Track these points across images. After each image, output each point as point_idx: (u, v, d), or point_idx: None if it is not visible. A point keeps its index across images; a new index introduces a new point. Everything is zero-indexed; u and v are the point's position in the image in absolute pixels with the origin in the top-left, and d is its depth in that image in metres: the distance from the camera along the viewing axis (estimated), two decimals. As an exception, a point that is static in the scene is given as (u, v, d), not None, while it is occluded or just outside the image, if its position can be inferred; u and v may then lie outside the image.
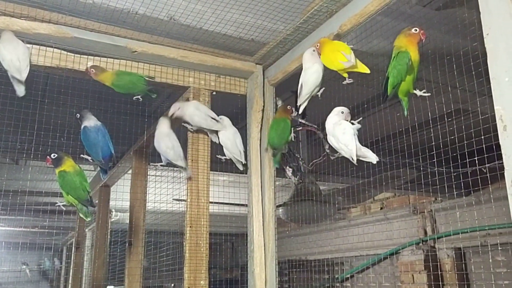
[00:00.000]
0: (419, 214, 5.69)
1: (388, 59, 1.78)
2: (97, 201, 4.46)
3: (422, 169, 2.55)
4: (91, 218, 2.50)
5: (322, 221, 4.60)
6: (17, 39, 2.04)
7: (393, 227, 5.91)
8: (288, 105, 2.37)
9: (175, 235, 3.23)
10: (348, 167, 2.17)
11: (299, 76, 2.18)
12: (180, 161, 2.35)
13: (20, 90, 2.07)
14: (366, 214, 6.66)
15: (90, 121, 2.26)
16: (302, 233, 7.51)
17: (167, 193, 3.30)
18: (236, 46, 2.42)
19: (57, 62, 2.18)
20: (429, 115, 1.96)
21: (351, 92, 2.29)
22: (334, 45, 1.99)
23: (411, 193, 5.44)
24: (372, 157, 1.91)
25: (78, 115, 2.28)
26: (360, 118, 2.02)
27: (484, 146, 1.76)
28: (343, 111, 2.02)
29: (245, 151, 2.54)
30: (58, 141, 2.35)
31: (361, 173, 2.35)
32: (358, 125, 1.98)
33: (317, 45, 2.05)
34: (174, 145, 2.35)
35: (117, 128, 2.76)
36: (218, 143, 2.49)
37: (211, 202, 2.47)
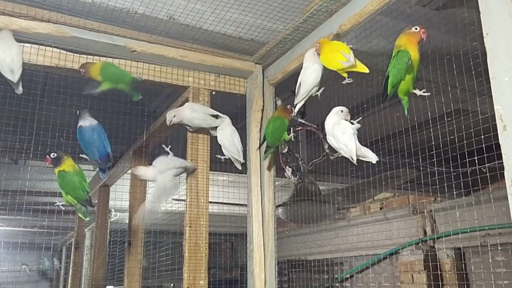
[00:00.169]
0: (419, 214, 5.69)
1: (388, 59, 1.78)
2: (97, 201, 4.45)
3: (421, 169, 2.55)
4: (90, 218, 2.50)
5: (322, 221, 4.60)
6: (14, 39, 2.02)
7: (393, 227, 5.91)
8: (288, 105, 2.36)
9: (175, 235, 3.23)
10: (348, 167, 2.16)
11: (298, 76, 2.17)
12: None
13: (18, 89, 2.06)
14: (365, 214, 6.66)
15: (85, 120, 2.24)
16: (302, 233, 7.51)
17: (166, 193, 3.29)
18: (236, 45, 2.41)
19: (56, 62, 2.17)
20: (429, 114, 1.95)
21: (350, 92, 2.28)
22: (333, 45, 1.99)
23: (411, 193, 5.44)
24: (371, 157, 1.91)
25: (78, 111, 2.27)
26: (360, 118, 2.02)
27: (484, 146, 1.76)
28: (342, 111, 2.02)
29: (244, 150, 2.53)
30: (57, 140, 2.34)
31: (361, 173, 2.35)
32: (358, 125, 1.98)
33: (317, 46, 2.04)
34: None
35: (116, 128, 2.76)
36: (215, 143, 2.49)
37: (211, 202, 2.47)
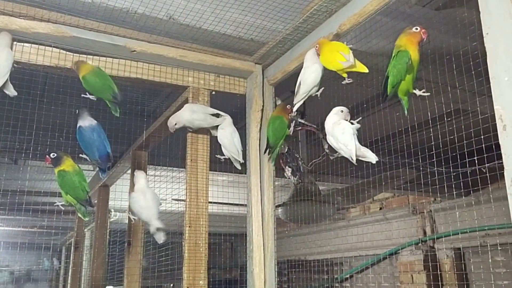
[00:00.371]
0: (419, 214, 5.69)
1: (388, 59, 1.78)
2: (96, 201, 4.45)
3: (421, 169, 2.55)
4: (90, 218, 2.50)
5: (322, 221, 4.60)
6: (6, 44, 2.00)
7: (393, 227, 5.91)
8: (288, 104, 2.36)
9: (174, 235, 3.22)
10: (348, 167, 2.16)
11: (298, 75, 2.17)
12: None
13: (9, 92, 2.04)
14: (365, 214, 6.66)
15: (85, 120, 2.23)
16: (302, 233, 7.51)
17: (166, 193, 3.30)
18: (236, 45, 2.41)
19: (56, 62, 2.17)
20: (429, 115, 1.95)
21: (350, 92, 2.28)
22: (332, 46, 1.99)
23: (411, 193, 5.44)
24: (371, 157, 1.91)
25: (77, 111, 2.26)
26: (360, 118, 2.02)
27: (484, 146, 1.76)
28: (342, 111, 2.02)
29: (244, 150, 2.53)
30: (57, 140, 2.34)
31: (361, 173, 2.34)
32: (358, 125, 1.98)
33: (316, 46, 2.04)
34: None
35: (116, 128, 2.76)
36: (215, 143, 2.49)
37: (210, 202, 2.47)
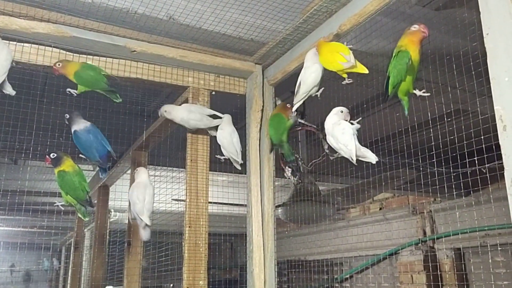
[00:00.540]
0: (418, 214, 5.69)
1: (388, 59, 1.78)
2: (96, 201, 4.45)
3: (421, 169, 2.55)
4: (90, 218, 2.50)
5: (321, 222, 4.59)
6: (4, 44, 2.00)
7: (392, 227, 5.91)
8: (288, 103, 2.36)
9: (174, 235, 3.22)
10: (348, 167, 2.16)
11: (298, 76, 2.17)
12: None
13: (9, 90, 2.03)
14: (365, 214, 6.66)
15: (79, 124, 2.21)
16: (301, 234, 7.51)
17: (166, 193, 3.30)
18: (236, 45, 2.41)
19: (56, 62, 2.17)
20: (429, 115, 1.95)
21: (350, 92, 2.28)
22: (332, 46, 1.99)
23: (411, 193, 5.44)
24: (371, 157, 1.91)
25: (67, 115, 2.23)
26: (360, 118, 2.02)
27: (484, 146, 1.76)
28: (342, 111, 2.02)
29: (244, 151, 2.53)
30: (57, 140, 2.33)
31: (361, 173, 2.35)
32: (358, 125, 1.98)
33: (316, 47, 2.04)
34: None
35: (116, 128, 2.76)
36: (215, 143, 2.49)
37: (210, 202, 2.47)
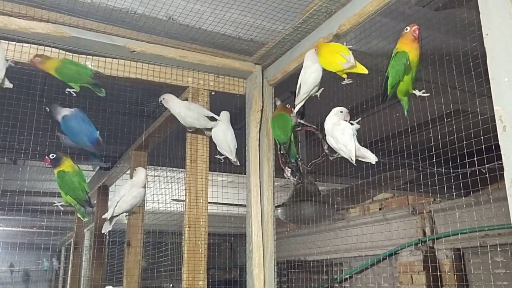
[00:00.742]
0: (418, 214, 5.69)
1: (388, 59, 1.78)
2: (96, 201, 4.45)
3: (421, 169, 2.55)
4: (89, 218, 2.49)
5: (321, 222, 4.59)
6: None
7: (392, 227, 5.91)
8: (288, 104, 2.36)
9: (174, 236, 3.22)
10: (347, 167, 2.16)
11: (298, 76, 2.17)
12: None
13: (6, 83, 2.03)
14: (365, 214, 6.66)
15: (65, 111, 2.19)
16: (301, 234, 7.51)
17: (165, 193, 3.30)
18: (235, 46, 2.41)
19: (55, 62, 2.16)
20: (429, 115, 1.95)
21: (350, 93, 2.28)
22: (331, 47, 1.99)
23: (410, 193, 5.44)
24: (371, 158, 1.91)
25: (47, 109, 2.21)
26: (359, 119, 2.02)
27: (484, 146, 1.76)
28: (342, 111, 2.02)
29: (243, 151, 2.53)
30: (56, 141, 2.33)
31: (360, 173, 2.34)
32: (357, 126, 1.98)
33: (314, 48, 2.04)
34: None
35: (115, 128, 2.76)
36: (215, 144, 2.49)
37: (210, 202, 2.46)
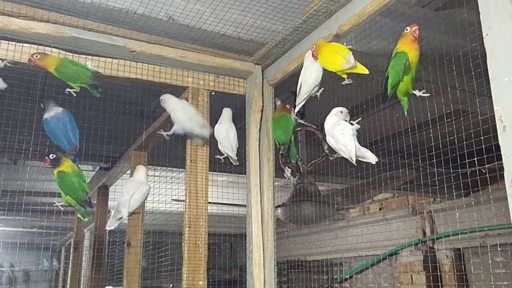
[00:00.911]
0: (418, 215, 5.69)
1: (388, 60, 1.78)
2: (96, 201, 4.45)
3: (421, 169, 2.55)
4: (89, 218, 2.49)
5: (321, 222, 4.59)
6: None
7: (392, 227, 5.91)
8: (287, 104, 2.36)
9: (174, 236, 3.22)
10: (347, 167, 2.16)
11: (298, 76, 2.17)
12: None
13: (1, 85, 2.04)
14: (365, 214, 6.65)
15: (50, 111, 2.19)
16: (301, 234, 7.51)
17: (166, 194, 3.30)
18: (235, 46, 2.41)
19: (55, 62, 2.16)
20: (429, 115, 1.95)
21: (350, 93, 2.28)
22: (331, 47, 1.99)
23: (410, 193, 5.44)
24: (371, 158, 1.91)
25: (42, 105, 2.21)
26: (359, 119, 2.02)
27: (484, 146, 1.76)
28: (342, 111, 2.02)
29: (243, 151, 2.53)
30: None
31: (360, 173, 2.34)
32: (357, 126, 1.98)
33: (313, 48, 2.04)
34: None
35: (115, 128, 2.76)
36: (215, 144, 2.49)
37: (210, 202, 2.46)
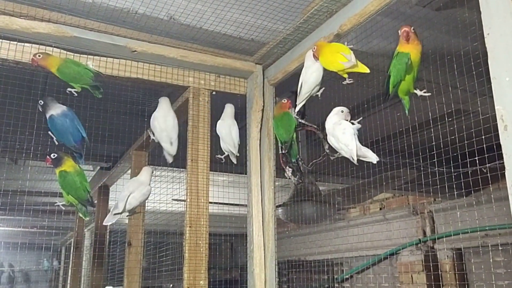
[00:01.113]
0: (419, 214, 5.69)
1: (389, 59, 1.79)
2: (97, 201, 4.45)
3: (421, 169, 2.55)
4: (90, 217, 2.50)
5: (322, 222, 4.59)
6: None
7: (393, 227, 5.91)
8: (284, 99, 2.36)
9: (175, 235, 3.22)
10: (348, 167, 2.16)
11: (299, 76, 2.18)
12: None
13: None
14: (365, 214, 6.65)
15: (56, 109, 2.20)
16: (302, 234, 7.51)
17: (166, 193, 3.30)
18: (236, 45, 2.41)
19: (56, 62, 2.16)
20: (430, 115, 1.95)
21: (351, 92, 2.28)
22: (332, 47, 1.99)
23: (411, 193, 5.44)
24: (372, 157, 1.91)
25: (41, 102, 2.22)
26: (360, 118, 2.02)
27: (485, 146, 1.76)
28: (342, 111, 2.02)
29: (244, 151, 2.54)
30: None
31: (361, 173, 2.34)
32: (358, 125, 1.98)
33: (314, 48, 2.04)
34: None
35: (116, 128, 2.76)
36: (216, 143, 2.49)
37: (211, 202, 2.46)
